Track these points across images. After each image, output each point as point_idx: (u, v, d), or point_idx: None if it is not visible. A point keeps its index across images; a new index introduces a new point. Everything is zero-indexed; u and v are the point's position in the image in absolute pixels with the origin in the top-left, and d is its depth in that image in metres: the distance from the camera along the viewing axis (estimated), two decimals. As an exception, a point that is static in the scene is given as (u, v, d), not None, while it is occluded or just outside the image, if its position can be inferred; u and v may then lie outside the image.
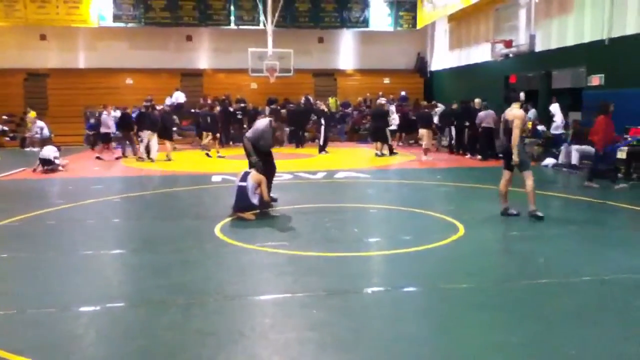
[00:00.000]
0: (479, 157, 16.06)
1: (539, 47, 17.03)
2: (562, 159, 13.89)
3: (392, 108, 21.22)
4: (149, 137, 16.39)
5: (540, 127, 15.65)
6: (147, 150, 16.45)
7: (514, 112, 7.79)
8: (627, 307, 4.65)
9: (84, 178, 12.92)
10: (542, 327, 4.23)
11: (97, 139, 18.62)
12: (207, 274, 5.56)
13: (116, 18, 23.93)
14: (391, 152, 17.33)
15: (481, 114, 16.05)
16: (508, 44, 16.72)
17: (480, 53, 20.79)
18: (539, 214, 7.71)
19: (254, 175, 8.10)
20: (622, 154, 11.74)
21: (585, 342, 3.93)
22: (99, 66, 24.78)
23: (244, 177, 8.06)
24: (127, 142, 17.48)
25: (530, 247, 6.60)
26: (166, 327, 4.20)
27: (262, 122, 8.89)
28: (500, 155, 8.27)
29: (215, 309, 4.59)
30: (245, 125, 21.82)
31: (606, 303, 4.75)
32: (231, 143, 21.01)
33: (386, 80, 26.71)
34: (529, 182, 7.76)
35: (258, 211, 8.08)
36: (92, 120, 21.86)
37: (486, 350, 3.87)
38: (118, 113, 18.28)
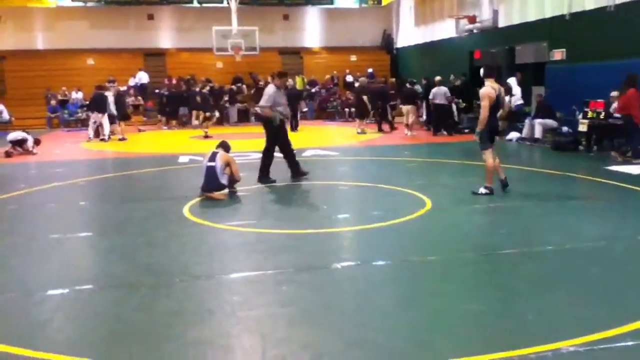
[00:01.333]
0: (445, 132, 16.24)
1: (502, 23, 17.20)
2: (525, 132, 14.14)
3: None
4: (99, 119, 16.37)
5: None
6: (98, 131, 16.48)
7: (483, 89, 7.79)
8: (585, 273, 4.82)
9: (47, 162, 12.65)
10: (505, 295, 4.37)
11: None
12: (175, 255, 5.53)
13: (75, -3, 23.29)
14: (392, 128, 17.66)
15: (434, 90, 16.25)
16: (472, 19, 16.86)
17: (445, 29, 20.90)
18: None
19: (223, 156, 8.06)
20: (583, 127, 12.01)
21: (545, 307, 4.06)
22: (58, 47, 24.09)
23: (213, 157, 8.01)
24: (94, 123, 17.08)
25: (494, 219, 6.76)
26: (134, 309, 4.18)
27: (269, 88, 9.25)
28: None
29: (184, 289, 4.59)
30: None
31: (566, 271, 4.90)
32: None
33: (353, 58, 26.67)
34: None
35: (227, 191, 8.06)
36: (52, 102, 21.39)
37: (451, 318, 3.97)
38: (80, 95, 17.88)
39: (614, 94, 11.74)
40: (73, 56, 24.03)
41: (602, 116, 11.79)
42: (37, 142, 13.91)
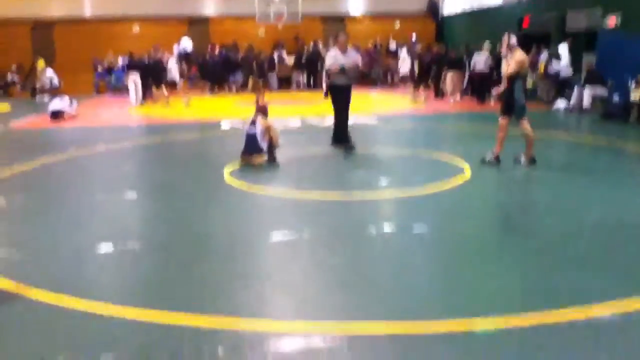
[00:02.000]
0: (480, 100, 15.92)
1: (553, -12, 16.53)
2: (574, 101, 13.69)
3: (403, 51, 20.95)
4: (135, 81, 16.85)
5: (553, 70, 15.34)
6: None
7: (519, 54, 7.59)
8: (625, 250, 4.67)
9: (94, 127, 12.98)
10: (538, 266, 4.30)
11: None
12: (215, 219, 5.64)
13: (121, -36, 23.45)
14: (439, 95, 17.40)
15: (475, 57, 15.83)
16: (521, -16, 16.25)
17: (493, -5, 20.25)
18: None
19: (263, 121, 8.10)
20: (635, 96, 11.54)
21: (576, 280, 3.99)
22: (105, 13, 24.40)
23: (253, 123, 8.07)
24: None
25: (535, 189, 6.63)
26: (173, 270, 4.30)
27: (331, 51, 9.19)
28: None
29: (221, 252, 4.68)
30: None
31: (599, 246, 4.79)
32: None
33: (397, 25, 26.15)
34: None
35: (266, 156, 8.12)
36: (99, 69, 21.82)
37: (482, 286, 3.96)
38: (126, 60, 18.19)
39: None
40: (119, 23, 24.33)
41: (656, 85, 11.30)
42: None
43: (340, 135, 9.03)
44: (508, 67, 7.51)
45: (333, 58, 8.89)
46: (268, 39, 24.18)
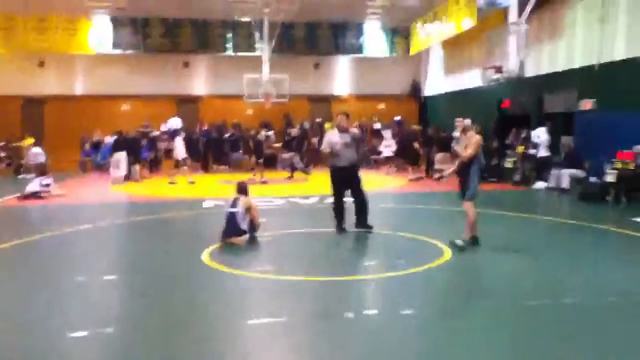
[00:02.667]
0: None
1: (530, 72, 17.23)
2: (552, 182, 13.96)
3: (387, 133, 21.43)
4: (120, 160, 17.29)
5: (532, 151, 15.72)
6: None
7: (476, 137, 7.63)
8: (605, 329, 4.67)
9: (76, 205, 12.96)
10: (519, 348, 4.25)
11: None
12: (192, 300, 5.58)
13: (115, 45, 24.18)
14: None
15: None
16: (498, 69, 16.93)
17: (473, 78, 20.99)
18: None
19: (244, 201, 8.15)
20: (611, 177, 11.80)
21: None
22: (96, 93, 24.96)
23: (234, 203, 8.11)
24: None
25: (515, 269, 6.64)
26: (148, 352, 4.23)
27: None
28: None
29: (199, 334, 4.61)
30: (240, 150, 22.06)
31: (586, 325, 4.78)
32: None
33: (381, 106, 26.92)
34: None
35: (248, 236, 8.11)
36: (86, 146, 22.03)
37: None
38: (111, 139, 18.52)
39: (638, 148, 11.65)
40: (109, 102, 24.85)
41: (631, 167, 11.59)
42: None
43: (340, 217, 8.78)
44: (465, 149, 7.49)
45: (327, 140, 8.89)
46: (256, 117, 24.70)
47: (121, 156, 17.34)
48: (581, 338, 4.48)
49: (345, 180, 8.77)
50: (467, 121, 7.61)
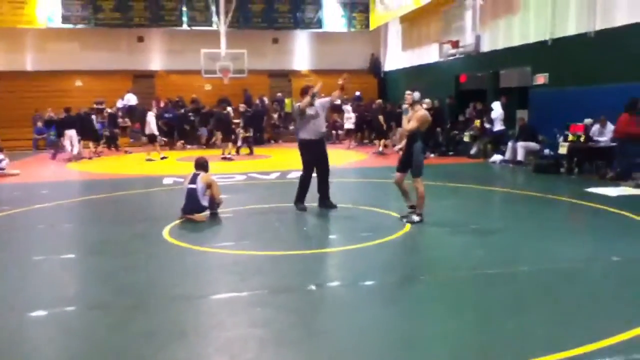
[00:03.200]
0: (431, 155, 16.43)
1: (486, 48, 17.48)
2: (508, 155, 14.31)
3: (348, 107, 21.46)
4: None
5: (488, 125, 16.04)
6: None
7: (421, 111, 7.54)
8: (559, 294, 4.88)
9: (32, 183, 12.63)
10: (478, 315, 4.42)
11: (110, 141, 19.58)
12: (153, 276, 5.56)
13: (65, 19, 23.41)
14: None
15: None
16: (455, 44, 17.11)
17: (431, 53, 21.18)
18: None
19: (204, 177, 8.09)
20: (563, 149, 12.17)
21: (517, 327, 4.12)
22: (47, 68, 24.15)
23: (194, 179, 8.04)
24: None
25: (472, 240, 6.81)
26: (109, 330, 4.21)
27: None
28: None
29: (159, 310, 4.60)
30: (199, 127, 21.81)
31: (541, 291, 4.97)
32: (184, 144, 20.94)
33: (341, 81, 26.87)
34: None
35: (208, 213, 8.08)
36: (39, 124, 21.38)
37: (423, 338, 4.01)
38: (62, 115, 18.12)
39: (587, 121, 12.05)
40: (62, 77, 24.10)
41: (582, 139, 11.97)
42: None
43: (302, 194, 8.71)
44: (408, 123, 7.46)
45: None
46: (214, 93, 24.35)
47: (71, 133, 17.03)
48: (535, 303, 4.66)
49: (312, 152, 8.70)
50: (416, 94, 7.43)
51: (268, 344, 3.94)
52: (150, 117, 17.15)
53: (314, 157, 8.66)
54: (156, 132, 17.25)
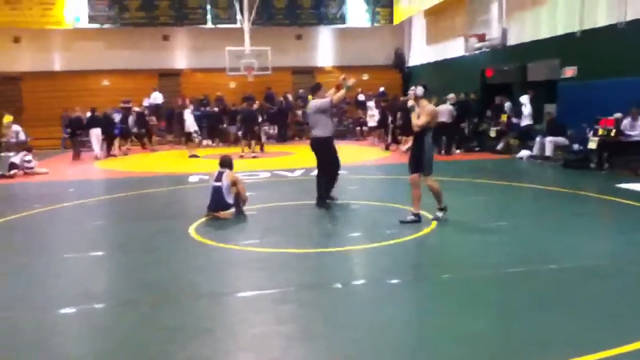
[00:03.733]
0: (457, 151, 16.24)
1: (512, 41, 17.21)
2: (536, 150, 14.07)
3: (371, 104, 21.33)
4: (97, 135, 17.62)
5: (515, 120, 15.79)
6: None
7: (430, 106, 7.36)
8: (585, 293, 4.78)
9: (60, 181, 12.83)
10: (503, 314, 4.36)
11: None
12: (179, 273, 5.58)
13: (91, 19, 23.73)
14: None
15: (438, 107, 16.11)
16: (481, 37, 16.88)
17: (456, 47, 20.92)
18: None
19: (229, 175, 8.11)
20: (593, 144, 11.92)
21: (541, 326, 4.03)
22: (74, 68, 24.52)
23: (219, 177, 8.07)
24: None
25: (499, 237, 6.71)
26: (135, 326, 4.25)
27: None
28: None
29: (184, 306, 4.62)
30: (225, 124, 21.91)
31: (567, 289, 4.86)
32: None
33: (365, 76, 26.75)
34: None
35: (233, 210, 8.10)
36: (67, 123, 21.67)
37: (446, 337, 3.96)
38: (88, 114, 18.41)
39: (617, 115, 11.76)
40: (89, 77, 24.44)
41: (612, 133, 11.70)
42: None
43: (320, 193, 8.73)
44: (417, 119, 7.16)
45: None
46: (239, 91, 24.44)
47: (96, 132, 17.40)
48: (559, 303, 4.56)
49: (318, 150, 8.79)
50: (419, 89, 7.21)
51: (293, 341, 3.92)
52: (187, 115, 17.31)
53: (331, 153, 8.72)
54: (193, 129, 17.40)
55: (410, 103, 7.36)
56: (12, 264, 6.06)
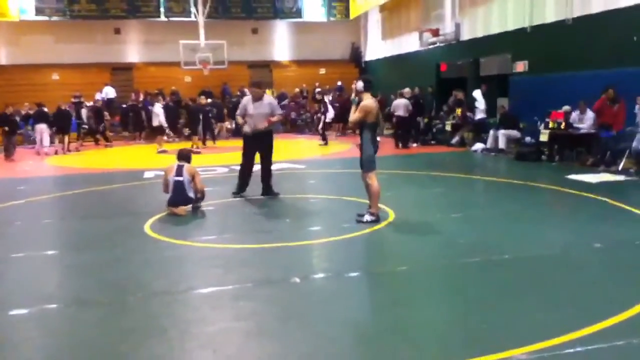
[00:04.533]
0: (414, 145, 16.44)
1: (466, 36, 17.50)
2: (490, 143, 14.36)
3: (327, 99, 21.27)
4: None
5: (470, 114, 16.09)
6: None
7: (366, 101, 6.95)
8: (543, 281, 4.89)
9: (9, 178, 12.39)
10: (464, 303, 4.42)
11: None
12: (134, 271, 5.47)
13: (38, 11, 22.95)
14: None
15: (395, 102, 16.33)
16: (435, 32, 17.09)
17: (411, 42, 21.16)
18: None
19: (188, 168, 8.00)
20: (544, 137, 12.24)
21: (503, 315, 4.12)
22: (22, 62, 23.71)
23: (179, 171, 7.93)
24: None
25: (456, 228, 6.81)
26: (90, 326, 4.13)
27: (244, 98, 9.14)
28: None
29: (140, 305, 4.53)
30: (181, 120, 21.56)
31: (525, 278, 4.97)
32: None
33: (322, 71, 26.81)
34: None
35: (191, 206, 7.98)
36: (16, 119, 20.95)
37: (410, 327, 3.99)
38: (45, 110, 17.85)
39: (566, 108, 12.12)
40: (38, 71, 23.67)
41: (562, 126, 12.04)
42: None
43: (243, 184, 9.01)
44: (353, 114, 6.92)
45: (242, 107, 8.97)
46: (195, 85, 24.09)
47: (42, 128, 17.04)
48: (520, 291, 4.67)
49: (255, 146, 8.88)
50: (359, 84, 6.98)
51: (252, 337, 3.89)
52: (158, 109, 16.98)
53: (252, 148, 8.98)
54: (165, 124, 17.09)
55: (352, 97, 7.27)
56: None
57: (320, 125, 18.22)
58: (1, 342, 3.93)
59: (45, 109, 17.83)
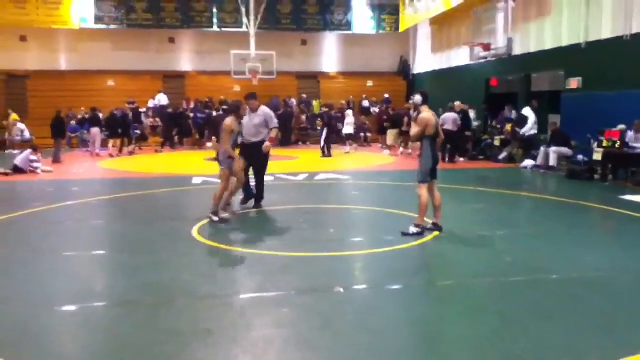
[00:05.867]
0: (461, 159, 16.23)
1: (517, 51, 17.20)
2: (540, 160, 14.05)
3: (349, 112, 20.96)
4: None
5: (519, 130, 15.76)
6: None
7: (422, 114, 7.08)
8: (585, 304, 4.74)
9: (64, 180, 12.85)
10: (502, 322, 4.33)
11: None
12: (180, 275, 5.56)
13: (98, 20, 23.81)
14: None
15: (443, 116, 16.04)
16: (486, 47, 16.86)
17: (461, 56, 20.95)
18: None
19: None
20: (597, 156, 11.90)
21: (539, 336, 4.01)
22: (80, 68, 24.60)
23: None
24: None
25: (501, 246, 6.68)
26: (134, 327, 4.23)
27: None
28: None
29: (184, 308, 4.61)
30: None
31: (566, 300, 4.83)
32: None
33: (369, 83, 26.83)
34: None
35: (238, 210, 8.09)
36: (72, 122, 21.76)
37: (444, 343, 3.95)
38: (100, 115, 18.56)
39: (622, 127, 11.74)
40: (94, 77, 24.50)
41: (617, 145, 11.68)
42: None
43: (247, 196, 8.98)
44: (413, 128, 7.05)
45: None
46: (243, 94, 24.37)
47: (96, 132, 17.82)
48: (558, 312, 4.53)
49: (250, 157, 8.70)
50: (417, 97, 7.07)
51: (292, 345, 3.91)
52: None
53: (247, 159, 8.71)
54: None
55: (412, 113, 7.36)
56: (12, 261, 6.06)
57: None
58: (49, 336, 4.08)
59: (100, 114, 18.50)
